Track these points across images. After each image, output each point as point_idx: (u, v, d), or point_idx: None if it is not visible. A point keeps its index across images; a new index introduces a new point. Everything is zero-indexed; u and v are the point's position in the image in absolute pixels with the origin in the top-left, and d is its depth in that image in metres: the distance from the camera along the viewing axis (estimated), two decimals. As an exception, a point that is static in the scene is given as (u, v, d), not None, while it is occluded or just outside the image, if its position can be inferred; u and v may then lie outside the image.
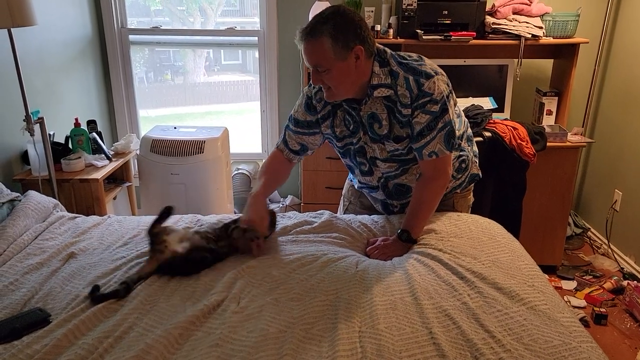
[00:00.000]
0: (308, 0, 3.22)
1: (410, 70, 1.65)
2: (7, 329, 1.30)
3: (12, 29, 2.25)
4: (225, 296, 1.45)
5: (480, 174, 2.02)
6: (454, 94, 1.74)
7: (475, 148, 2.00)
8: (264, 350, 1.24)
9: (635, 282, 2.88)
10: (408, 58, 1.69)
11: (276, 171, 1.92)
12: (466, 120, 1.93)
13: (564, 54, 3.16)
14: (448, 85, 1.69)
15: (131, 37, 3.55)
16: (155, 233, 1.64)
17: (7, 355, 1.22)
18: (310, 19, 3.05)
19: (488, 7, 3.03)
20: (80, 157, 2.72)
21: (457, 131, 1.77)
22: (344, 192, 2.24)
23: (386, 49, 1.71)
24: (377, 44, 1.68)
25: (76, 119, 2.82)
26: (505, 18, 3.01)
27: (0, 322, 1.35)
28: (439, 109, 1.65)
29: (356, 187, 2.07)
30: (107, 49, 3.50)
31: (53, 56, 2.98)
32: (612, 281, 2.96)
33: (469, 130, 1.95)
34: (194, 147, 3.05)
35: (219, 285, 1.49)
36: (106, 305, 1.41)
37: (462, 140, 1.88)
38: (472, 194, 2.08)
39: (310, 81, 1.69)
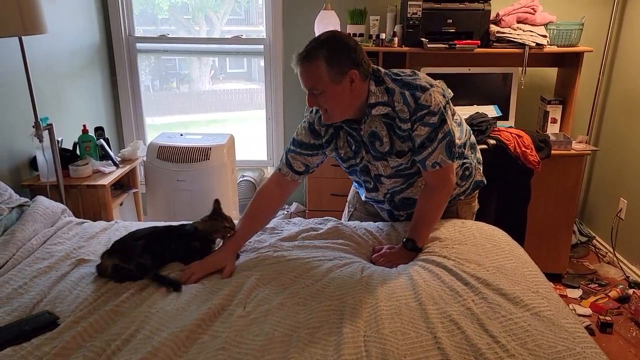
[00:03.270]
0: (313, 8, 3.25)
1: (406, 86, 1.67)
2: (16, 332, 1.32)
3: (23, 36, 2.28)
4: (231, 300, 1.46)
5: (485, 181, 2.03)
6: (451, 104, 1.75)
7: (479, 155, 2.02)
8: (269, 354, 1.25)
9: (640, 290, 2.88)
10: (402, 74, 1.71)
11: (263, 207, 1.87)
12: (468, 128, 1.95)
13: (568, 63, 3.17)
14: (444, 96, 1.70)
15: (138, 45, 3.59)
16: None
17: (16, 357, 1.24)
18: (315, 27, 3.11)
19: (492, 15, 3.04)
20: (87, 164, 2.75)
21: (457, 140, 1.78)
22: (349, 198, 2.25)
23: (379, 67, 1.74)
24: (371, 65, 1.70)
25: (84, 126, 2.85)
26: (509, 27, 3.03)
27: (9, 324, 1.36)
28: (438, 120, 1.67)
29: (363, 199, 2.09)
30: (115, 57, 3.54)
31: (62, 64, 3.02)
32: (617, 289, 2.95)
33: (472, 138, 1.96)
34: (200, 154, 3.07)
35: (225, 289, 1.50)
36: (113, 307, 1.42)
37: (465, 148, 1.90)
38: (476, 200, 2.09)
39: (307, 104, 1.70)
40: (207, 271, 1.62)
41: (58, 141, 2.61)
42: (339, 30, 3.16)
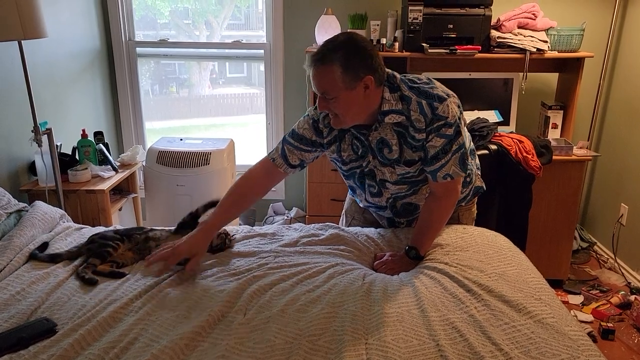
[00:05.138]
0: (314, 13, 3.25)
1: (423, 94, 1.63)
2: (14, 339, 1.31)
3: (22, 41, 2.27)
4: (231, 307, 1.45)
5: (484, 186, 2.02)
6: (463, 114, 1.73)
7: (478, 161, 2.00)
8: (270, 362, 1.23)
9: (642, 296, 2.86)
10: (418, 81, 1.67)
11: (247, 193, 1.83)
12: (468, 134, 1.93)
13: (569, 68, 3.17)
14: (459, 107, 1.68)
15: (138, 49, 3.59)
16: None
17: (13, 364, 1.23)
18: (315, 32, 3.10)
19: (493, 21, 3.04)
20: (86, 168, 2.74)
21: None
22: (345, 207, 2.21)
23: (395, 73, 1.69)
24: (386, 70, 1.66)
25: (83, 130, 2.84)
26: (510, 32, 3.02)
27: (7, 331, 1.35)
28: (454, 132, 1.64)
29: (361, 205, 2.05)
30: (115, 62, 3.54)
31: (62, 68, 3.01)
32: (619, 296, 2.93)
33: (472, 144, 1.95)
34: (199, 159, 3.06)
35: (224, 296, 1.49)
36: (112, 314, 1.41)
37: None
38: (475, 206, 2.08)
39: (317, 106, 1.67)
40: (178, 259, 1.63)
41: (57, 146, 2.60)
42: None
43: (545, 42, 2.99)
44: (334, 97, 1.58)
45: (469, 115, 3.04)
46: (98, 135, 3.03)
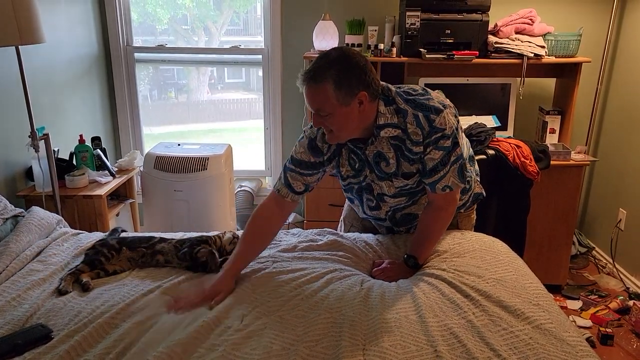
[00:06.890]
0: (312, 19, 3.25)
1: (419, 107, 1.62)
2: (9, 345, 1.30)
3: (20, 46, 2.27)
4: (228, 313, 1.44)
5: (484, 193, 2.01)
6: (460, 123, 1.72)
7: (477, 167, 2.00)
8: (267, 368, 1.23)
9: (641, 301, 2.86)
10: (413, 93, 1.65)
11: (261, 232, 1.77)
12: (467, 140, 1.92)
13: (566, 73, 3.18)
14: (456, 117, 1.67)
15: (136, 55, 3.59)
16: None
17: (8, 371, 1.22)
18: (313, 37, 3.10)
19: (490, 26, 3.05)
20: (84, 174, 2.73)
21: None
22: (344, 213, 2.20)
23: (390, 86, 1.67)
24: (381, 83, 1.64)
25: (81, 136, 2.83)
26: (507, 37, 3.03)
27: (2, 338, 1.34)
28: (451, 143, 1.64)
29: (360, 216, 2.04)
30: (113, 67, 3.54)
31: (59, 73, 3.01)
32: (617, 301, 2.93)
33: (471, 150, 1.94)
34: (197, 164, 3.05)
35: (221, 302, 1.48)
36: (108, 320, 1.40)
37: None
38: (475, 213, 2.07)
39: (312, 123, 1.65)
40: (205, 301, 1.51)
41: (54, 151, 2.59)
42: (341, 44, 3.17)
43: (543, 47, 3.00)
44: (328, 114, 1.56)
45: (467, 121, 3.04)
46: (95, 140, 3.02)
